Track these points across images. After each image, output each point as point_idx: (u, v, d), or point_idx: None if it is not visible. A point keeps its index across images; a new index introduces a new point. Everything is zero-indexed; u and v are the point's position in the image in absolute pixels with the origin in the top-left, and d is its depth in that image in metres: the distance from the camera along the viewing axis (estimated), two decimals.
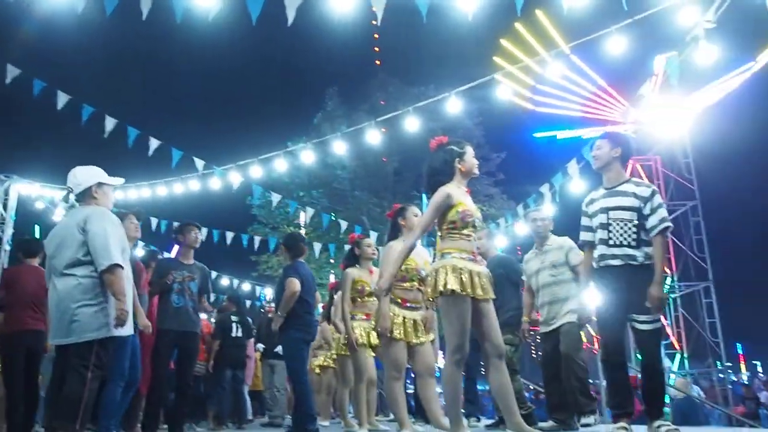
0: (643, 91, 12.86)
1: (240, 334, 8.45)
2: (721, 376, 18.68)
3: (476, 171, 4.13)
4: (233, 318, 8.48)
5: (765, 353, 41.35)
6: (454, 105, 9.28)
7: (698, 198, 18.29)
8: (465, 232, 3.90)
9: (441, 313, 3.84)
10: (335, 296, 6.81)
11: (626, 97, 15.44)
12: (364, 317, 5.68)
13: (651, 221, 4.06)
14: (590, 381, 5.94)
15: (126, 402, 5.06)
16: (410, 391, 8.64)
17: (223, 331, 8.39)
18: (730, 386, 18.13)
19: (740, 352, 35.51)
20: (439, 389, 5.99)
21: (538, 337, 5.92)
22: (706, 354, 18.74)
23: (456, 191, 3.96)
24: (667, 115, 14.94)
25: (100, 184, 4.08)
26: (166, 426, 5.99)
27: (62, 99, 9.16)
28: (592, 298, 4.44)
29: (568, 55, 9.22)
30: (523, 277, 5.88)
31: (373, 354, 5.87)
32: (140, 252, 8.69)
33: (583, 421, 5.03)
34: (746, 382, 20.96)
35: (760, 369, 37.76)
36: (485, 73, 9.36)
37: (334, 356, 7.13)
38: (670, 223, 4.08)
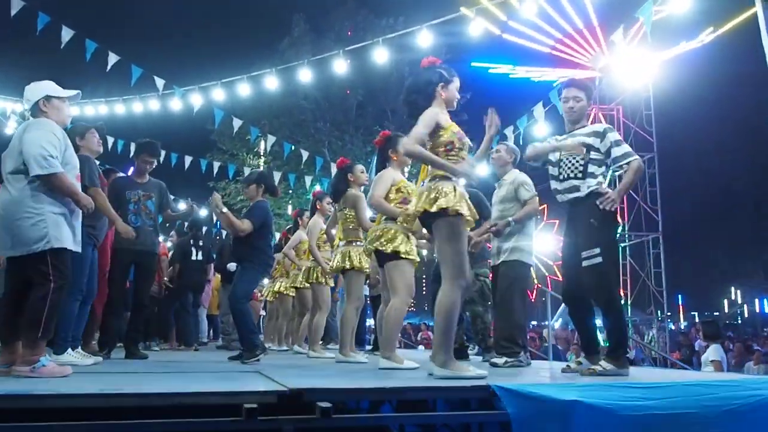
0: (614, 38, 12.77)
1: (200, 257, 8.40)
2: (662, 324, 19.44)
3: (455, 104, 3.94)
4: (192, 242, 8.42)
5: (704, 306, 43.29)
6: (424, 39, 9.14)
7: (656, 150, 18.58)
8: (462, 154, 3.74)
9: (440, 233, 3.63)
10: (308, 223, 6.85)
11: (599, 43, 15.13)
12: (360, 243, 5.53)
13: (615, 152, 4.07)
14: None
15: (84, 316, 5.00)
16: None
17: (183, 254, 8.33)
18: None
19: (681, 303, 36.99)
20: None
21: None
22: (648, 302, 19.42)
23: (444, 115, 3.79)
24: (633, 65, 14.90)
25: (48, 98, 3.93)
26: (121, 344, 6.00)
27: (16, 5, 8.72)
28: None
29: None
30: None
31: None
32: None
33: (494, 360, 4.94)
34: (683, 331, 21.93)
35: (697, 320, 39.53)
36: (457, 10, 9.21)
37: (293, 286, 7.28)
38: (635, 156, 4.10)
